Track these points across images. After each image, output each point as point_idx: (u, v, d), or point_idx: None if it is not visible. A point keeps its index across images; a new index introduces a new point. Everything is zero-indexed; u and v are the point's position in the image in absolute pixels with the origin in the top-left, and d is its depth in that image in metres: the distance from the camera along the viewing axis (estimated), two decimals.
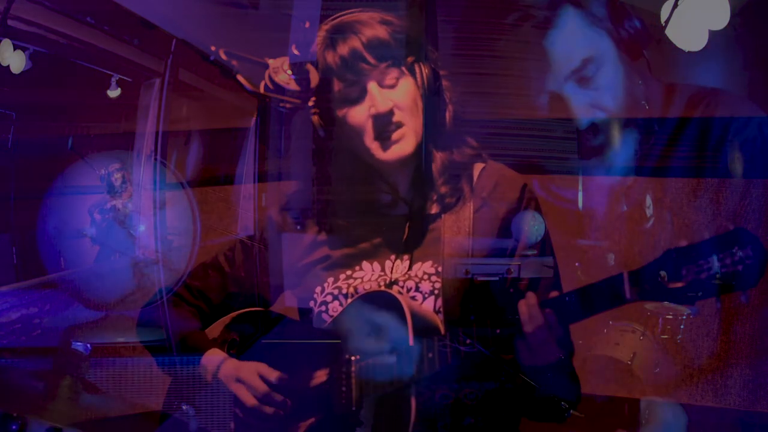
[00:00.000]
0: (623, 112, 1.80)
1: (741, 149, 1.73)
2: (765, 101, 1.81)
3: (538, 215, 1.55)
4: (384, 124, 1.50)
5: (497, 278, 1.52)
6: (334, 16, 1.55)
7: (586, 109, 1.78)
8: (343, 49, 1.50)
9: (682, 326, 2.03)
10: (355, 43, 1.49)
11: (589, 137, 1.82)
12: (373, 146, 1.52)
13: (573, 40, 1.76)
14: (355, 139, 1.54)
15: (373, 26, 1.51)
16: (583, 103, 1.78)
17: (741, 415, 1.85)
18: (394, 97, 1.51)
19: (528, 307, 1.40)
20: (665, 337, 2.06)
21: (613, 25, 1.75)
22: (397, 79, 1.52)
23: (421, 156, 1.54)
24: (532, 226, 1.53)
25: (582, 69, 1.75)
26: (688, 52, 1.77)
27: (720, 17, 1.73)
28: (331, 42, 1.51)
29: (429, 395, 1.47)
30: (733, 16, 1.72)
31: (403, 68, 1.52)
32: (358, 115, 1.52)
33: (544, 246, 1.56)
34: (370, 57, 1.49)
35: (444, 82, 1.58)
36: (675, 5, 1.71)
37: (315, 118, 1.57)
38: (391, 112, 1.50)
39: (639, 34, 1.75)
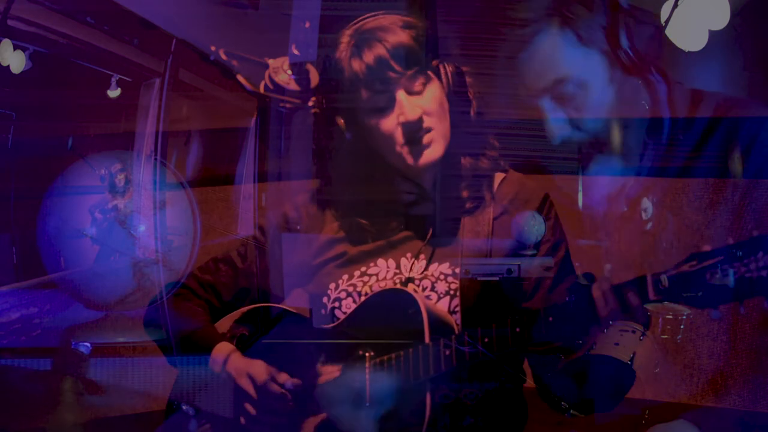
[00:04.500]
0: (608, 133, 1.79)
1: (747, 154, 1.73)
2: (765, 101, 1.82)
3: (538, 215, 1.55)
4: (413, 131, 1.51)
5: (497, 278, 1.52)
6: (356, 21, 1.55)
7: (563, 125, 1.77)
8: (369, 57, 1.49)
9: (682, 326, 2.03)
10: (380, 50, 1.49)
11: (565, 152, 1.81)
12: (404, 152, 1.52)
13: (547, 59, 1.74)
14: (385, 145, 1.54)
15: (396, 32, 1.50)
16: (559, 120, 1.77)
17: (741, 415, 1.85)
18: (422, 103, 1.51)
19: (602, 291, 1.39)
20: (665, 337, 2.05)
21: (611, 48, 1.74)
22: (424, 84, 1.52)
23: (446, 158, 1.54)
24: (532, 225, 1.53)
25: (554, 88, 1.73)
26: (688, 52, 1.77)
27: (720, 17, 1.73)
28: (357, 49, 1.50)
29: (434, 392, 1.47)
30: (733, 16, 1.72)
31: (429, 72, 1.52)
32: (388, 123, 1.52)
33: (564, 249, 1.57)
34: (396, 65, 1.48)
35: (467, 79, 1.58)
36: (675, 5, 1.71)
37: (341, 122, 1.56)
38: (420, 119, 1.50)
39: (644, 55, 1.74)
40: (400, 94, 1.50)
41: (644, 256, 1.91)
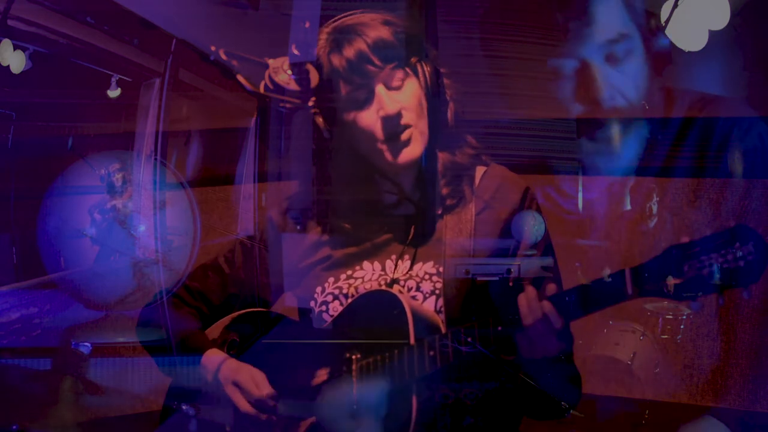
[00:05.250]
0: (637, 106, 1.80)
1: (743, 155, 1.74)
2: (764, 101, 1.82)
3: (538, 215, 1.55)
4: (393, 126, 1.50)
5: (497, 278, 1.52)
6: (335, 18, 1.55)
7: (611, 88, 1.78)
8: (349, 52, 1.49)
9: (682, 326, 2.03)
10: (361, 45, 1.49)
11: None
12: (384, 149, 1.52)
13: (616, 11, 1.76)
14: (365, 142, 1.54)
15: (377, 28, 1.50)
16: (608, 81, 1.77)
17: (741, 415, 1.86)
18: (400, 98, 1.51)
19: (528, 300, 1.40)
20: (665, 337, 2.06)
21: (650, 32, 1.76)
22: (403, 80, 1.52)
23: (425, 156, 1.54)
24: (532, 225, 1.53)
25: (616, 42, 1.74)
26: (688, 52, 1.78)
27: (720, 17, 1.73)
28: (336, 45, 1.51)
29: (429, 395, 1.47)
30: (733, 16, 1.72)
31: (407, 69, 1.52)
32: (367, 118, 1.52)
33: (545, 246, 1.56)
34: (376, 59, 1.49)
35: (444, 80, 1.58)
36: (675, 5, 1.71)
37: (320, 120, 1.56)
38: (399, 114, 1.50)
39: (665, 52, 1.76)
40: (380, 89, 1.50)
41: (644, 256, 1.91)
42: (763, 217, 1.78)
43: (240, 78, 1.66)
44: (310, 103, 1.62)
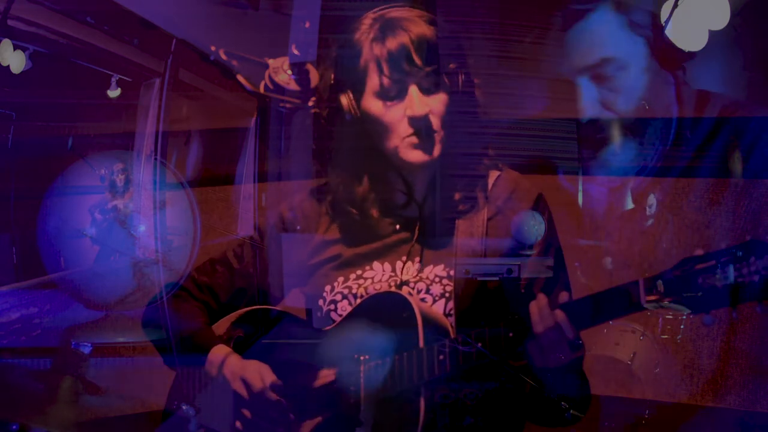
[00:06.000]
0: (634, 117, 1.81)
1: (742, 154, 1.74)
2: (765, 101, 1.82)
3: (538, 215, 1.55)
4: (417, 128, 1.51)
5: (497, 278, 1.52)
6: (381, 7, 1.54)
7: (594, 105, 1.79)
8: (392, 44, 1.49)
9: (682, 326, 2.03)
10: (404, 39, 1.48)
11: (589, 132, 1.82)
12: (402, 145, 1.52)
13: (596, 38, 1.78)
14: (384, 135, 1.54)
15: (421, 25, 1.50)
16: (592, 99, 1.78)
17: (741, 415, 1.86)
18: (431, 103, 1.51)
19: (539, 308, 1.40)
20: (665, 337, 2.05)
21: (653, 35, 1.76)
22: (438, 85, 1.51)
23: (441, 159, 1.54)
24: (531, 225, 1.53)
25: (598, 67, 1.77)
26: (688, 52, 1.78)
27: (720, 17, 1.73)
28: (381, 34, 1.50)
29: (429, 395, 1.47)
30: (733, 16, 1.72)
31: (444, 75, 1.52)
32: (393, 113, 1.52)
33: (555, 250, 1.56)
34: (417, 58, 1.48)
35: (476, 90, 1.58)
36: (675, 5, 1.71)
37: (344, 101, 1.55)
38: (426, 118, 1.50)
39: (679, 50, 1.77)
40: (413, 89, 1.50)
41: (644, 255, 1.91)
42: (764, 217, 1.78)
43: (240, 78, 1.66)
44: (311, 103, 1.62)
